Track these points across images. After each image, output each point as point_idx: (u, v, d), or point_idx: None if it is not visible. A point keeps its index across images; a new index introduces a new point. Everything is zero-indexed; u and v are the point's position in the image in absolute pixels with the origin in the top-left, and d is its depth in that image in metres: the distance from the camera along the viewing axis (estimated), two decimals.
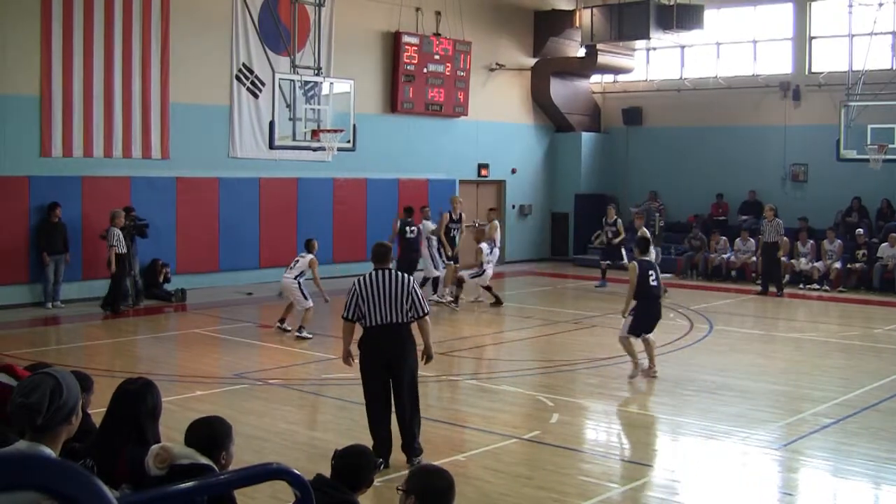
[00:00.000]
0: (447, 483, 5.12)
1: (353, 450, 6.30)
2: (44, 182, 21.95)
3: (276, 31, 24.01)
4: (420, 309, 10.47)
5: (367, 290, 10.47)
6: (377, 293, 10.43)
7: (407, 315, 10.45)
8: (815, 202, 29.86)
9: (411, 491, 4.98)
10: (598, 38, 31.74)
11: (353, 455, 6.20)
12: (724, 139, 32.09)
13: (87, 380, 6.42)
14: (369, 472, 6.19)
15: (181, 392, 13.75)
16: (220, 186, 25.19)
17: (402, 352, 10.54)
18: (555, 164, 34.69)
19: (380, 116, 28.66)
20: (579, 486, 10.05)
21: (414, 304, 10.44)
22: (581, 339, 19.02)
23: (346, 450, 6.25)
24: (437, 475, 5.20)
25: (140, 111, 23.52)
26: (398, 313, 10.41)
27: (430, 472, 5.35)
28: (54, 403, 3.93)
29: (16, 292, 21.77)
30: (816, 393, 14.42)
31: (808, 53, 30.80)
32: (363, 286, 10.51)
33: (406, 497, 4.98)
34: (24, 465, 1.96)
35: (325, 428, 12.55)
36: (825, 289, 26.71)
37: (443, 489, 5.08)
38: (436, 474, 5.22)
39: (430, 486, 5.06)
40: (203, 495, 4.11)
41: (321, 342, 18.26)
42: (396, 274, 10.57)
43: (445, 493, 5.08)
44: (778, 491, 10.28)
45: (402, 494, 5.02)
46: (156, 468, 5.08)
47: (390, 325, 10.45)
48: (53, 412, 3.93)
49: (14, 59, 21.46)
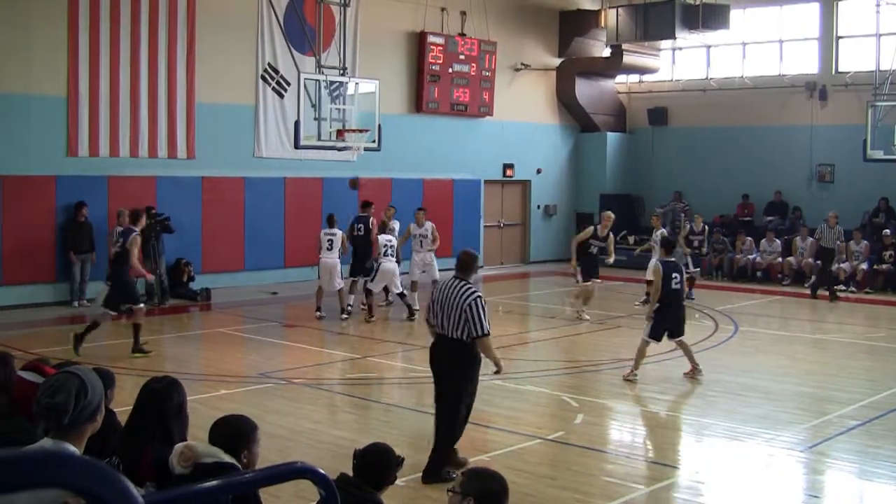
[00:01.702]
0: (504, 487, 5.13)
1: (375, 448, 6.29)
2: (70, 182, 22.07)
3: (302, 31, 24.05)
4: (475, 328, 9.90)
5: (437, 296, 10.25)
6: (442, 302, 10.10)
7: (461, 331, 9.98)
8: (842, 203, 29.63)
9: (469, 493, 4.97)
10: (623, 37, 31.65)
11: (374, 454, 6.20)
12: (750, 139, 31.93)
13: (108, 376, 6.42)
14: (391, 470, 6.19)
15: (206, 391, 13.80)
16: (246, 186, 25.25)
17: (448, 366, 10.16)
18: (580, 165, 34.62)
19: (405, 116, 28.67)
20: (603, 486, 10.03)
21: (469, 322, 9.91)
22: (606, 339, 18.98)
23: (367, 449, 6.25)
24: (495, 479, 5.20)
25: (166, 111, 23.61)
26: (451, 327, 10.04)
27: (487, 475, 5.31)
28: (80, 403, 3.95)
29: (42, 291, 21.90)
30: (842, 395, 14.35)
31: (835, 53, 30.62)
32: (436, 291, 10.39)
33: (462, 499, 4.96)
34: (51, 462, 1.97)
35: (349, 427, 12.55)
36: (851, 290, 26.56)
37: (500, 493, 5.10)
38: (493, 478, 5.21)
39: (489, 490, 5.06)
40: (227, 494, 4.12)
41: (345, 341, 18.29)
42: (460, 288, 10.06)
43: (502, 496, 5.10)
44: (803, 493, 10.24)
45: (458, 497, 5.00)
46: (180, 467, 5.09)
47: (443, 336, 10.15)
48: (79, 412, 3.96)
49: (41, 60, 21.59)
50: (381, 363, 16.43)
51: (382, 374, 15.71)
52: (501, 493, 5.09)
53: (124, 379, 7.04)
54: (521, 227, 33.36)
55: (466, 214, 30.73)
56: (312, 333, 19.00)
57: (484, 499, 4.99)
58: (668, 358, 16.34)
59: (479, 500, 4.96)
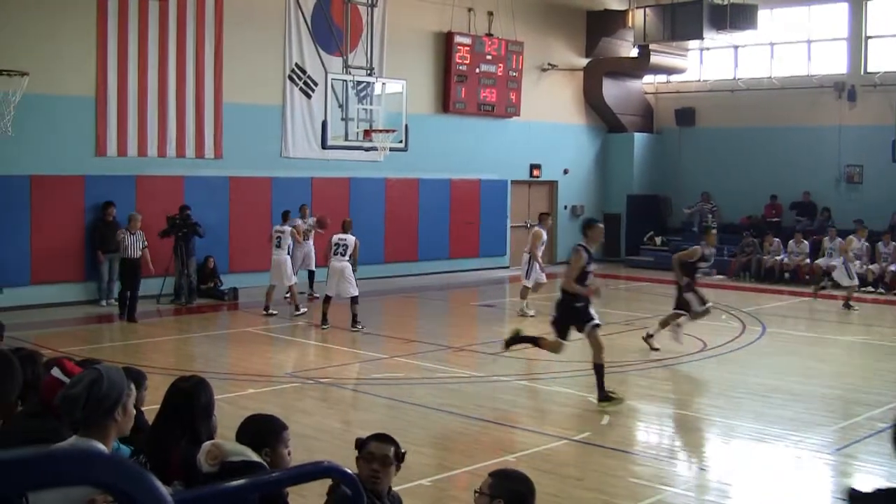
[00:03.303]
0: (531, 489, 5.13)
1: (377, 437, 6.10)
2: (99, 181, 22.19)
3: (329, 31, 24.09)
4: None
5: None
6: None
7: None
8: (871, 204, 29.47)
9: (497, 495, 4.95)
10: (650, 38, 31.58)
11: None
12: (778, 140, 31.77)
13: (140, 376, 6.42)
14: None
15: (233, 390, 13.84)
16: (273, 186, 25.32)
17: None
18: (607, 165, 34.56)
19: (432, 117, 28.68)
20: (630, 488, 10.01)
21: None
22: (632, 340, 18.89)
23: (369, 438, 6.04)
24: (523, 480, 5.19)
25: (194, 111, 23.71)
26: None
27: (515, 477, 5.29)
28: (94, 395, 3.98)
29: (71, 290, 22.03)
30: (871, 397, 14.26)
31: (864, 53, 30.42)
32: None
33: (491, 501, 4.93)
34: (78, 460, 1.98)
35: (375, 427, 12.43)
36: (880, 291, 26.41)
37: (527, 494, 5.09)
38: (521, 479, 5.21)
39: (517, 491, 5.05)
40: (254, 493, 4.13)
41: (373, 341, 18.32)
42: None
43: (529, 498, 5.09)
44: (831, 496, 10.17)
45: (486, 499, 4.97)
46: (207, 465, 5.10)
47: None
48: (94, 404, 3.98)
49: (70, 61, 21.72)
50: (409, 363, 16.44)
51: (409, 374, 15.72)
52: (529, 496, 5.09)
53: (152, 378, 7.06)
54: None
55: (493, 215, 30.72)
56: (339, 334, 19.02)
57: (512, 501, 4.96)
58: (696, 359, 16.28)
59: (509, 501, 4.94)
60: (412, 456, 9.75)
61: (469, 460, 10.79)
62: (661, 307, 22.43)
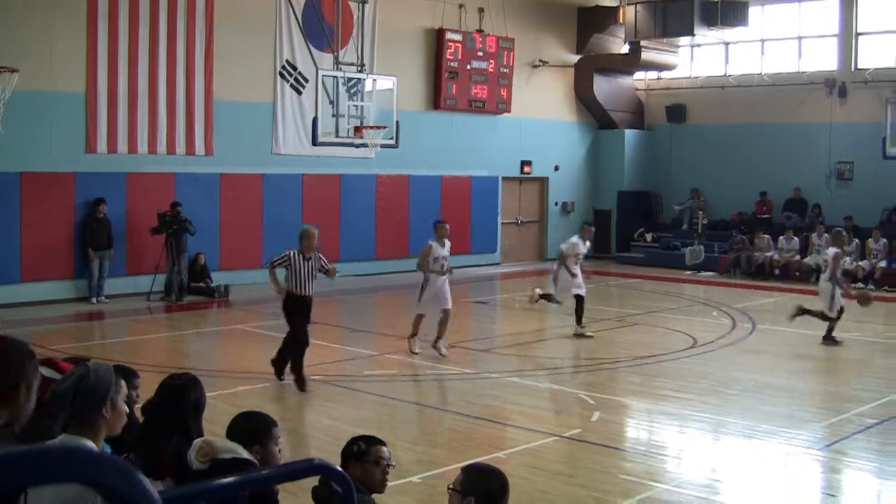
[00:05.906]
0: (503, 484, 4.94)
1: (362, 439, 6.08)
2: (89, 178, 22.14)
3: (320, 27, 24.06)
4: None
5: None
6: None
7: None
8: (861, 200, 29.52)
9: (469, 493, 4.79)
10: (641, 34, 31.63)
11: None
12: (769, 137, 31.80)
13: (130, 373, 6.39)
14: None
15: (224, 387, 13.83)
16: (264, 183, 25.30)
17: None
18: (598, 161, 34.58)
19: (423, 113, 28.68)
20: (620, 484, 10.02)
21: None
22: (623, 337, 18.94)
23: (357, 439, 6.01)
24: (495, 476, 5.00)
25: (184, 108, 23.68)
26: None
27: (488, 472, 5.10)
28: (82, 390, 3.98)
29: (61, 287, 21.98)
30: (861, 393, 14.30)
31: (855, 50, 30.45)
32: None
33: (462, 498, 4.79)
34: (67, 457, 1.98)
35: (367, 424, 12.53)
36: (870, 288, 26.43)
37: (500, 491, 4.90)
38: (493, 475, 5.01)
39: (488, 489, 4.87)
40: (244, 490, 4.14)
41: (366, 338, 18.32)
42: None
43: (502, 494, 4.90)
44: (820, 492, 10.21)
45: (457, 495, 4.82)
46: (198, 462, 5.11)
47: None
48: (81, 399, 3.98)
49: (60, 57, 21.66)
50: (401, 360, 16.44)
51: (401, 371, 15.71)
52: (500, 492, 4.90)
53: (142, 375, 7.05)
54: (538, 224, 33.34)
55: (484, 211, 30.73)
56: (331, 331, 19.01)
57: (483, 499, 4.80)
58: (687, 356, 16.31)
59: (480, 499, 4.78)
60: (403, 453, 9.78)
61: (459, 457, 10.77)
62: (651, 303, 22.49)
